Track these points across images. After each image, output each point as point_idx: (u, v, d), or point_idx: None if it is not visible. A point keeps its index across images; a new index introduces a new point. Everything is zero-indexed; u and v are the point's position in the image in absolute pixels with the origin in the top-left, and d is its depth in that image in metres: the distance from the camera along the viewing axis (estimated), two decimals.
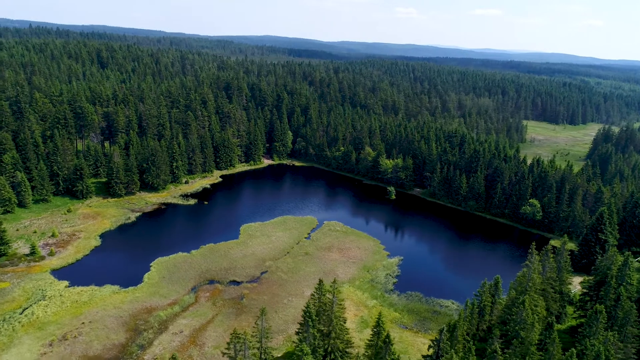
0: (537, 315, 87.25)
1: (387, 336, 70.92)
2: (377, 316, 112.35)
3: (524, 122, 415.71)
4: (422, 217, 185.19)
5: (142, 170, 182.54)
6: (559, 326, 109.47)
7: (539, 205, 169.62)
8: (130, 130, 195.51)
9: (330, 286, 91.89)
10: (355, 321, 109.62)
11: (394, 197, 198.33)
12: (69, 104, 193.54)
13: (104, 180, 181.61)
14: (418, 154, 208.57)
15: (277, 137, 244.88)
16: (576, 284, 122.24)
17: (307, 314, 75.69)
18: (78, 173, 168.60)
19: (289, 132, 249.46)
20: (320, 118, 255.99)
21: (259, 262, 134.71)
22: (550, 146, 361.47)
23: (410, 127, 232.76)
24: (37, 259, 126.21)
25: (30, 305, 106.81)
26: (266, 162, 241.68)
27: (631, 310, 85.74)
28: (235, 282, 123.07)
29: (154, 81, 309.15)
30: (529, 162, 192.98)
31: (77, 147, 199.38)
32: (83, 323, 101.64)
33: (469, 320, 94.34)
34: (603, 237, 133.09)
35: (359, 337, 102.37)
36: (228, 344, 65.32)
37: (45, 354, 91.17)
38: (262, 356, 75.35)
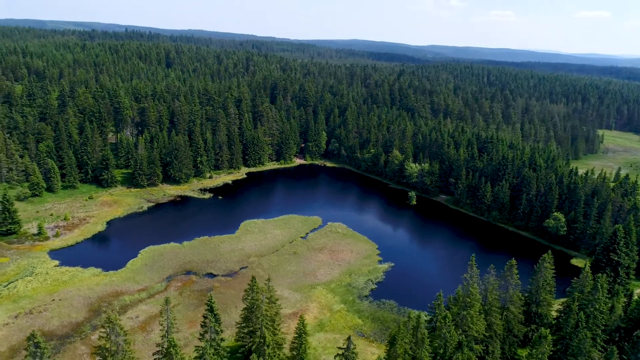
0: (473, 334, 79.39)
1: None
2: (337, 320, 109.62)
3: (600, 131, 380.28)
4: (438, 225, 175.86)
5: (165, 163, 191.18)
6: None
7: (563, 220, 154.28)
8: (158, 125, 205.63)
9: (265, 284, 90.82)
10: (312, 324, 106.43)
11: (414, 202, 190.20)
12: (110, 99, 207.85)
13: (131, 171, 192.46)
14: (446, 159, 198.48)
15: (310, 137, 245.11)
16: None
17: (209, 308, 74.93)
18: (104, 163, 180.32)
19: (324, 132, 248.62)
20: (358, 120, 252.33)
21: (244, 257, 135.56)
22: (626, 158, 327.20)
23: (444, 131, 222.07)
24: (41, 239, 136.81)
25: (17, 279, 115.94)
26: (298, 161, 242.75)
27: (585, 340, 75.39)
28: (211, 275, 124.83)
29: (212, 80, 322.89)
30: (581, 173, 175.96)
31: (117, 139, 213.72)
32: (53, 300, 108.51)
33: (412, 334, 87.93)
34: (615, 259, 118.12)
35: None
36: (103, 327, 66.44)
37: (7, 324, 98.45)
38: (168, 345, 75.72)
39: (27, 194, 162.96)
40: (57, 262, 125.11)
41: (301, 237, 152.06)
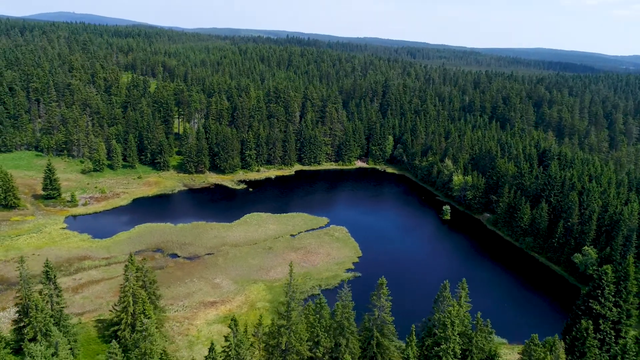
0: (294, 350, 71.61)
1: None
2: (247, 316, 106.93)
3: None
4: (458, 245, 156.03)
5: (214, 153, 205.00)
6: None
7: (594, 256, 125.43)
8: (218, 118, 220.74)
9: (140, 263, 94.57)
10: (220, 315, 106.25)
11: (447, 217, 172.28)
12: (188, 93, 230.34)
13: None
14: (494, 172, 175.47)
15: (374, 140, 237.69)
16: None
17: (46, 271, 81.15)
18: (159, 148, 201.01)
19: (390, 137, 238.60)
20: (429, 125, 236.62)
21: (218, 245, 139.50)
22: None
23: (512, 142, 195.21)
24: (71, 206, 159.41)
25: (25, 234, 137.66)
26: (359, 164, 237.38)
27: None
28: (175, 256, 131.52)
29: (320, 82, 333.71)
30: None
31: (184, 129, 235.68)
32: (33, 254, 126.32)
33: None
34: (597, 309, 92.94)
35: (199, 329, 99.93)
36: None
37: None
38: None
39: (90, 168, 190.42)
40: (65, 226, 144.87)
41: (290, 235, 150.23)
